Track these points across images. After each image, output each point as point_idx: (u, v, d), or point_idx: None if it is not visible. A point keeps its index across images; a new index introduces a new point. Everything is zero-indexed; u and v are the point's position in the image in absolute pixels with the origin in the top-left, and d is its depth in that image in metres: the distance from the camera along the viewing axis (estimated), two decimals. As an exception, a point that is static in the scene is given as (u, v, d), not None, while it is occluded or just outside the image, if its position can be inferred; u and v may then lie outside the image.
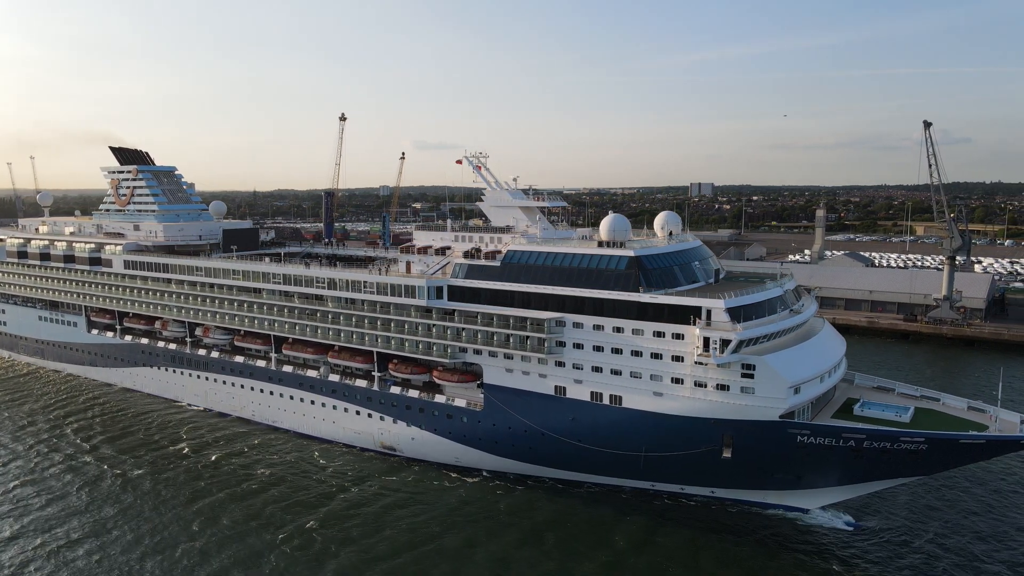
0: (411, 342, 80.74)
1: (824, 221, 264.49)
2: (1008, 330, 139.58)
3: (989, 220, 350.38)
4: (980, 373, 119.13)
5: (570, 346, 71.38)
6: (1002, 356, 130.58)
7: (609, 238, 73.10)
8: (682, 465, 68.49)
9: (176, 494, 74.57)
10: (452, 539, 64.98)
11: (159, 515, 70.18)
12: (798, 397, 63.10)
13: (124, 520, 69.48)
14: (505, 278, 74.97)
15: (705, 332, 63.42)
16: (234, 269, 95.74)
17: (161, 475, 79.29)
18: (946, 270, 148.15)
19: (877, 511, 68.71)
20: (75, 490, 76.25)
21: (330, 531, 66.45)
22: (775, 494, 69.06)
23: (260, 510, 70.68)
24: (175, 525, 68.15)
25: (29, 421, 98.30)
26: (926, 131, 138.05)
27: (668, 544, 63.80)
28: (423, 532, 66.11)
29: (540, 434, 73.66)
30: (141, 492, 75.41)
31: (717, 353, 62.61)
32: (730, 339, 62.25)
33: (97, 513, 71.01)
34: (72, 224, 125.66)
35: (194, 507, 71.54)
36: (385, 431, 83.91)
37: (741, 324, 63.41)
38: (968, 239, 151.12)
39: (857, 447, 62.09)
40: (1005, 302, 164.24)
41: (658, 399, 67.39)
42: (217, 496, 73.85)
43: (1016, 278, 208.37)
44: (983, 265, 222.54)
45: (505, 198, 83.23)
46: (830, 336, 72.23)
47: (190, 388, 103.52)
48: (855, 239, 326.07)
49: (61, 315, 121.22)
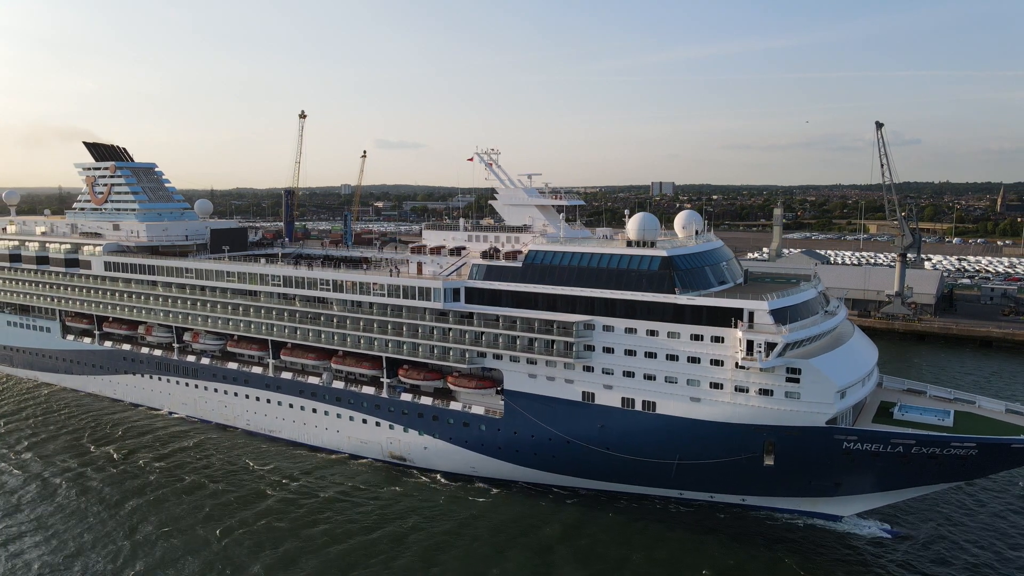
0: (425, 347, 73.59)
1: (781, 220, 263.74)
2: (956, 324, 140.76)
3: (938, 219, 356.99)
4: (930, 366, 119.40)
5: (599, 350, 65.59)
6: (951, 349, 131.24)
7: (639, 237, 67.53)
8: (718, 473, 63.19)
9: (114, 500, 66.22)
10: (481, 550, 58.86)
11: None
12: (844, 402, 58.71)
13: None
14: (527, 279, 68.70)
15: (748, 335, 58.44)
16: (228, 271, 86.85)
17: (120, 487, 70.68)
18: (898, 267, 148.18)
19: (908, 517, 64.76)
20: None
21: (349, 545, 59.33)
22: (809, 501, 64.54)
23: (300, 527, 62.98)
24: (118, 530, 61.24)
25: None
26: (878, 132, 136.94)
27: (701, 554, 59.07)
28: (440, 541, 59.97)
29: (565, 442, 67.68)
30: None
31: (763, 357, 57.45)
32: (776, 342, 57.46)
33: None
34: (44, 223, 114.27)
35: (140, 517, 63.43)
36: (395, 440, 76.67)
37: (787, 326, 58.18)
38: (918, 237, 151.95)
39: (905, 453, 57.68)
40: (953, 298, 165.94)
41: (695, 405, 62.05)
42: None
43: (963, 275, 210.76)
44: (933, 262, 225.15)
45: (521, 196, 76.90)
46: (861, 339, 67.80)
47: (177, 396, 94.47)
48: (811, 237, 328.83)
49: (32, 320, 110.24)
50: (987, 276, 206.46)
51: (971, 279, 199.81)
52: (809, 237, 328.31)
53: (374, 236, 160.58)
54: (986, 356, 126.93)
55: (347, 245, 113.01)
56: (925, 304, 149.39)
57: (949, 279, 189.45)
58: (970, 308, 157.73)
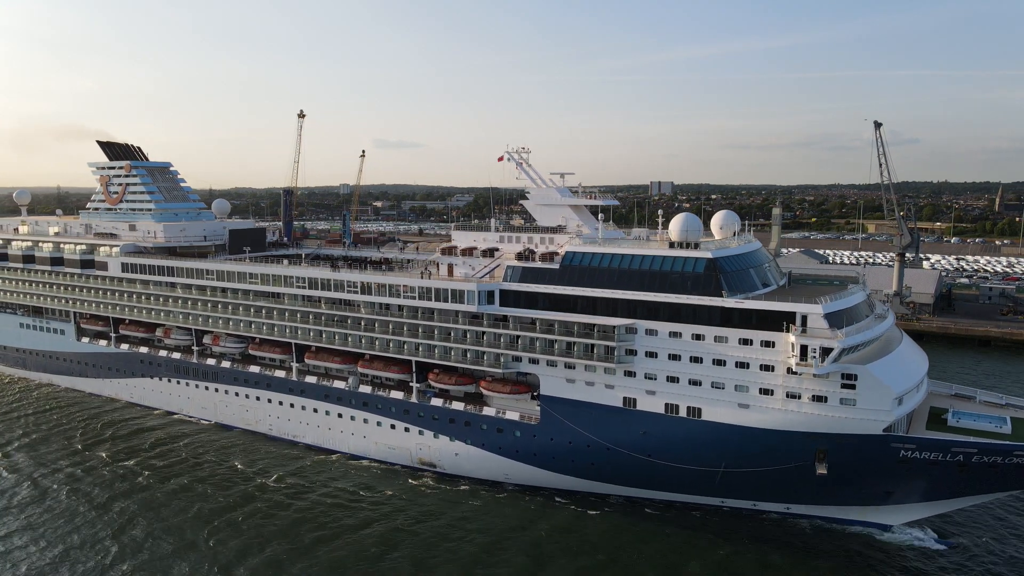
0: (457, 350, 69.69)
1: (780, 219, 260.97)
2: (954, 324, 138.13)
3: (936, 218, 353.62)
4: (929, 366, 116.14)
5: (642, 355, 62.01)
6: (950, 349, 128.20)
7: (681, 238, 63.91)
8: (765, 481, 59.67)
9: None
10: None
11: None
12: (901, 409, 55.37)
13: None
14: (565, 281, 64.98)
15: (802, 340, 55.01)
16: (251, 272, 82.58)
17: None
18: (896, 267, 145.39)
19: (959, 526, 61.36)
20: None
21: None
22: (857, 510, 61.25)
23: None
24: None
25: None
26: (877, 131, 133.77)
27: (748, 565, 55.92)
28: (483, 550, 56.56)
29: (605, 449, 64.12)
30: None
31: (818, 363, 53.82)
32: (832, 347, 54.07)
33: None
34: (57, 224, 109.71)
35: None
36: (424, 446, 72.82)
37: (842, 331, 54.59)
38: (917, 237, 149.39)
39: (965, 462, 54.19)
40: (952, 297, 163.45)
41: (743, 411, 58.57)
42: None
43: (962, 274, 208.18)
44: (931, 262, 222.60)
45: (554, 196, 73.16)
46: (909, 344, 64.29)
47: (196, 400, 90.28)
48: (810, 237, 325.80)
49: (46, 322, 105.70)
50: (985, 276, 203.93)
51: (969, 279, 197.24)
52: (808, 237, 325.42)
53: (373, 236, 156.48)
54: (985, 355, 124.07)
55: (345, 245, 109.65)
56: (923, 304, 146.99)
57: (947, 279, 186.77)
58: (968, 308, 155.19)
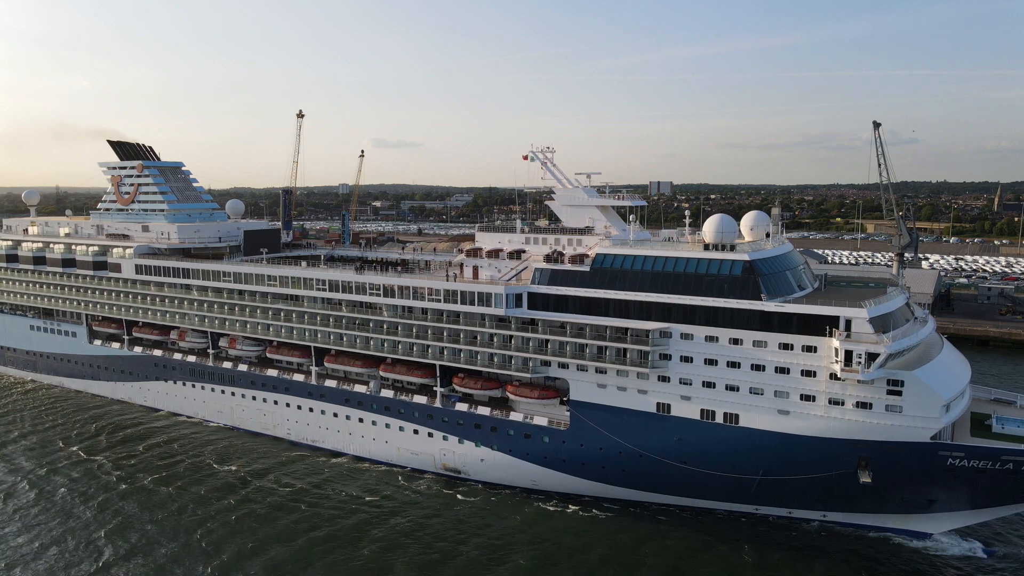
0: (484, 354, 66.82)
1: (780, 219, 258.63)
2: (954, 324, 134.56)
3: (935, 218, 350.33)
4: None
5: (676, 359, 59.30)
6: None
7: (716, 240, 61.22)
8: (804, 489, 56.92)
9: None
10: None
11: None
12: (949, 416, 52.76)
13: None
14: (596, 284, 62.23)
15: (846, 345, 52.41)
16: (270, 274, 79.40)
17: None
18: (895, 266, 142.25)
19: (999, 535, 58.68)
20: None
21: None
22: (896, 518, 58.70)
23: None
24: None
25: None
26: (876, 131, 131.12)
27: (777, 569, 53.72)
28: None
29: (637, 455, 61.39)
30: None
31: (864, 368, 51.11)
32: (878, 352, 51.51)
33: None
34: (67, 224, 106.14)
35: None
36: (448, 452, 69.93)
37: (888, 335, 51.86)
38: (916, 236, 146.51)
39: (1015, 470, 51.51)
40: (951, 297, 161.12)
41: (783, 418, 55.89)
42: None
43: (961, 274, 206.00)
44: (930, 262, 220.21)
45: (580, 197, 70.38)
46: (950, 349, 61.64)
47: (212, 404, 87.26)
48: (809, 236, 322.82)
49: (57, 324, 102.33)
50: (984, 275, 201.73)
51: (968, 278, 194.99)
52: (807, 236, 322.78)
53: (371, 236, 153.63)
54: (984, 355, 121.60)
55: (344, 244, 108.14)
56: (922, 304, 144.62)
57: (946, 278, 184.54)
58: (967, 307, 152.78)
